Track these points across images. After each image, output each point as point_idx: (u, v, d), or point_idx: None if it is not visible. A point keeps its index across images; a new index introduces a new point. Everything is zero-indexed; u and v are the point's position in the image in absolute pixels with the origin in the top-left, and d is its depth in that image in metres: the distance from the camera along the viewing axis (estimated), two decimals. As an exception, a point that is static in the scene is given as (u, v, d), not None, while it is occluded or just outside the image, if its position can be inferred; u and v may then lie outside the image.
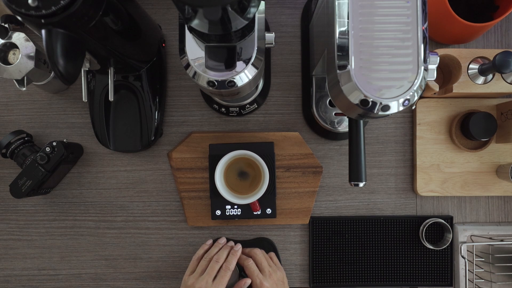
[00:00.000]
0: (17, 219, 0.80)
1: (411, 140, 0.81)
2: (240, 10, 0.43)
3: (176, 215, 0.81)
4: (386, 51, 0.47)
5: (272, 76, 0.80)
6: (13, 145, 0.73)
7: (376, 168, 0.81)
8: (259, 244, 0.79)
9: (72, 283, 0.81)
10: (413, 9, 0.47)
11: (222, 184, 0.73)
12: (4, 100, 0.80)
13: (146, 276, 0.81)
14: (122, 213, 0.80)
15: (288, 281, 0.80)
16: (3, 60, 0.68)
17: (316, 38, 0.73)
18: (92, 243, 0.81)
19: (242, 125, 0.80)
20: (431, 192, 0.79)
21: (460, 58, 0.72)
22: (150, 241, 0.81)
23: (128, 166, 0.80)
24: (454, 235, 0.79)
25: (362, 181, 0.57)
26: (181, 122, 0.80)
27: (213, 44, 0.50)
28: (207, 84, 0.52)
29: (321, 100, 0.77)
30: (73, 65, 0.52)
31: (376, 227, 0.80)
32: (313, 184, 0.78)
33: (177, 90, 0.80)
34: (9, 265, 0.81)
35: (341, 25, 0.49)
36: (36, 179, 0.70)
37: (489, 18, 0.75)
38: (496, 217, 0.81)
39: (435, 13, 0.71)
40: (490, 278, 0.79)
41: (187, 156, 0.77)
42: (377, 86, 0.47)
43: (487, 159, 0.79)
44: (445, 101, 0.79)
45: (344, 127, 0.76)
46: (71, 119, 0.80)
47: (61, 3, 0.45)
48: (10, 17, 0.69)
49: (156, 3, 0.80)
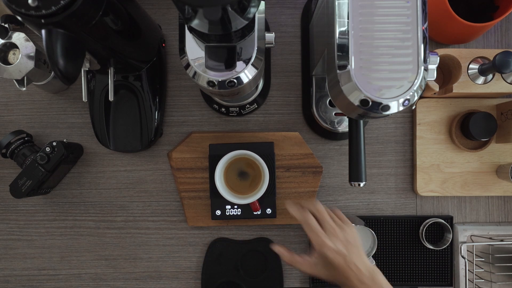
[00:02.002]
0: (17, 219, 0.80)
1: (411, 140, 0.81)
2: (240, 10, 0.43)
3: (176, 215, 0.80)
4: (386, 51, 0.47)
5: (272, 76, 0.80)
6: (13, 145, 0.73)
7: (376, 168, 0.81)
8: (259, 244, 0.80)
9: (72, 283, 0.81)
10: (413, 9, 0.47)
11: (222, 184, 0.73)
12: (4, 100, 0.80)
13: (146, 276, 0.81)
14: (122, 213, 0.80)
15: (288, 281, 0.81)
16: (3, 60, 0.68)
17: (316, 38, 0.73)
18: (92, 243, 0.81)
19: (242, 125, 0.80)
20: (431, 192, 0.79)
21: (460, 58, 0.72)
22: (150, 241, 0.81)
23: (128, 166, 0.80)
24: (454, 235, 0.79)
25: (362, 181, 0.57)
26: (181, 122, 0.80)
27: (213, 44, 0.50)
28: (207, 84, 0.52)
29: (321, 100, 0.77)
30: (73, 65, 0.52)
31: (376, 227, 0.80)
32: (313, 184, 0.78)
33: (177, 90, 0.80)
34: (9, 265, 0.81)
35: (341, 25, 0.49)
36: (36, 179, 0.70)
37: (489, 18, 0.75)
38: (496, 217, 0.81)
39: (435, 13, 0.71)
40: (490, 278, 0.79)
41: (187, 156, 0.77)
42: (377, 86, 0.47)
43: (487, 159, 0.79)
44: (445, 101, 0.79)
45: (344, 127, 0.76)
46: (71, 119, 0.80)
47: (61, 3, 0.45)
48: (10, 17, 0.69)
49: (156, 3, 0.80)
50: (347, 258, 0.56)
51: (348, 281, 0.56)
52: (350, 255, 0.56)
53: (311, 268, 0.59)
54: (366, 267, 0.57)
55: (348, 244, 0.57)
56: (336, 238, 0.57)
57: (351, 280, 0.56)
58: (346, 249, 0.57)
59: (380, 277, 0.57)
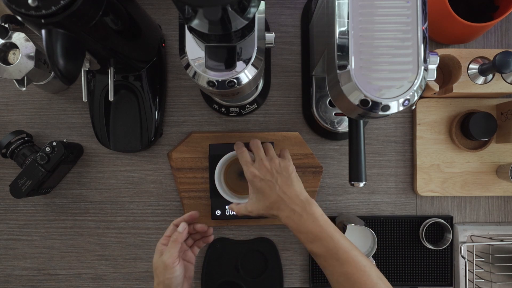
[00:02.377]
0: (17, 219, 0.80)
1: (411, 140, 0.81)
2: (240, 10, 0.43)
3: (176, 215, 0.80)
4: (386, 51, 0.47)
5: (272, 76, 0.80)
6: (13, 145, 0.73)
7: (376, 168, 0.81)
8: (259, 244, 0.80)
9: (72, 283, 0.81)
10: (413, 9, 0.47)
11: (222, 185, 0.73)
12: (4, 100, 0.80)
13: (146, 276, 0.81)
14: (122, 213, 0.80)
15: (288, 281, 0.81)
16: (3, 60, 0.68)
17: (316, 38, 0.73)
18: (92, 243, 0.81)
19: (242, 125, 0.80)
20: (431, 192, 0.79)
21: (460, 58, 0.72)
22: (150, 241, 0.81)
23: (128, 166, 0.80)
24: (454, 235, 0.79)
25: (362, 181, 0.57)
26: (181, 122, 0.80)
27: (213, 44, 0.50)
28: (207, 84, 0.52)
29: (321, 100, 0.77)
30: (73, 65, 0.52)
31: (376, 227, 0.80)
32: (313, 184, 0.78)
33: (177, 90, 0.80)
34: (9, 265, 0.81)
35: (341, 25, 0.49)
36: (36, 179, 0.70)
37: (489, 18, 0.75)
38: (496, 217, 0.81)
39: (435, 13, 0.71)
40: (490, 278, 0.79)
41: (187, 156, 0.77)
42: (377, 86, 0.47)
43: (487, 159, 0.79)
44: (445, 101, 0.79)
45: (344, 127, 0.76)
46: (71, 119, 0.80)
47: (61, 3, 0.45)
48: (10, 17, 0.69)
49: (156, 3, 0.80)
50: (275, 186, 0.58)
51: (280, 211, 0.57)
52: (278, 183, 0.58)
53: (251, 205, 0.61)
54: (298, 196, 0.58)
55: (276, 173, 0.59)
56: (263, 168, 0.59)
57: (282, 208, 0.57)
58: (272, 177, 0.59)
59: (314, 208, 0.57)
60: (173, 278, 0.56)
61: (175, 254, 0.57)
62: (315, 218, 0.56)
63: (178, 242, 0.58)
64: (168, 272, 0.56)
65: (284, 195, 0.58)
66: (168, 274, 0.56)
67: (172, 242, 0.58)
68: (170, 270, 0.56)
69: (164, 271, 0.56)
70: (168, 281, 0.56)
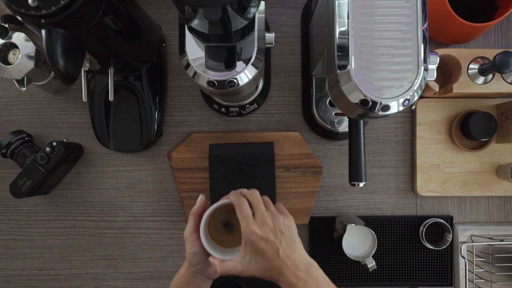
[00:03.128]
0: (17, 219, 0.80)
1: (411, 140, 0.81)
2: (240, 10, 0.43)
3: (176, 215, 0.80)
4: (386, 51, 0.47)
5: (272, 76, 0.80)
6: (13, 145, 0.73)
7: (376, 168, 0.81)
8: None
9: (72, 283, 0.81)
10: (413, 9, 0.47)
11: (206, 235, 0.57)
12: (4, 100, 0.80)
13: (146, 276, 0.81)
14: (122, 213, 0.80)
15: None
16: (3, 60, 0.68)
17: (316, 38, 0.73)
18: (92, 243, 0.81)
19: (242, 125, 0.80)
20: (431, 192, 0.79)
21: (460, 58, 0.72)
22: (150, 241, 0.81)
23: (128, 166, 0.80)
24: (454, 235, 0.79)
25: (362, 181, 0.57)
26: (181, 122, 0.80)
27: (213, 44, 0.50)
28: (207, 84, 0.52)
29: (321, 100, 0.77)
30: (73, 65, 0.53)
31: (376, 227, 0.80)
32: (313, 184, 0.78)
33: (177, 90, 0.80)
34: (9, 265, 0.81)
35: (341, 25, 0.49)
36: (36, 179, 0.70)
37: (489, 18, 0.75)
38: (496, 217, 0.81)
39: (435, 13, 0.71)
40: (490, 278, 0.79)
41: (187, 156, 0.77)
42: (377, 86, 0.47)
43: (487, 159, 0.79)
44: (445, 101, 0.79)
45: (344, 127, 0.76)
46: (71, 119, 0.80)
47: (61, 3, 0.45)
48: (10, 17, 0.69)
49: (156, 3, 0.80)
50: (279, 249, 0.51)
51: (282, 276, 0.51)
52: (282, 246, 0.51)
53: (244, 265, 0.53)
54: (301, 260, 0.52)
55: (280, 233, 0.52)
56: (266, 226, 0.51)
57: (285, 274, 0.51)
58: (276, 238, 0.51)
59: (316, 271, 0.52)
60: (191, 253, 0.56)
61: (191, 227, 0.55)
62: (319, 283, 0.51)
63: (194, 214, 0.56)
64: (188, 246, 0.56)
65: (288, 260, 0.51)
66: (188, 248, 0.56)
67: (190, 215, 0.57)
68: (188, 244, 0.55)
69: (185, 245, 0.56)
70: (189, 256, 0.56)
